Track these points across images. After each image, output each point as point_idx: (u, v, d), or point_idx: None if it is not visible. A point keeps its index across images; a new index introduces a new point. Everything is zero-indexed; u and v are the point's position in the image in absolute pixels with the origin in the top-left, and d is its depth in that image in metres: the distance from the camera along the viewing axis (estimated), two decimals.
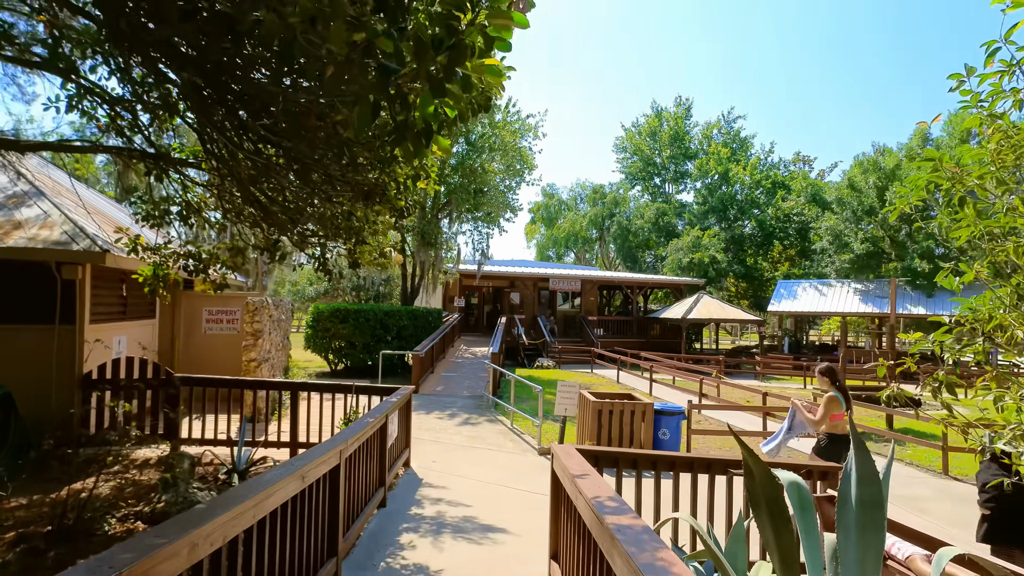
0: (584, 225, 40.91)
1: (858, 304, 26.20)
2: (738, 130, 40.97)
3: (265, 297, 9.38)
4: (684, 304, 25.98)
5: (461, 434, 9.22)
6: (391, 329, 16.57)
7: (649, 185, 43.64)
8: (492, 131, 18.90)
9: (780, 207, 34.16)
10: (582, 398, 8.27)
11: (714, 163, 36.22)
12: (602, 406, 7.81)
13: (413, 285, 20.71)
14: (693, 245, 30.73)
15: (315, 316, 15.86)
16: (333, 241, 6.19)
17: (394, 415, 5.93)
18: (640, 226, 36.66)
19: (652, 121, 41.63)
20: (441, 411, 11.11)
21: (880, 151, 29.99)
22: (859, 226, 27.74)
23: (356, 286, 42.07)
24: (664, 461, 4.00)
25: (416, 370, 13.29)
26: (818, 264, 31.46)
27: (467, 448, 8.31)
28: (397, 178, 4.13)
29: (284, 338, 11.88)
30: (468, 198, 18.68)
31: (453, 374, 16.00)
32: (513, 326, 24.11)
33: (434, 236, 18.69)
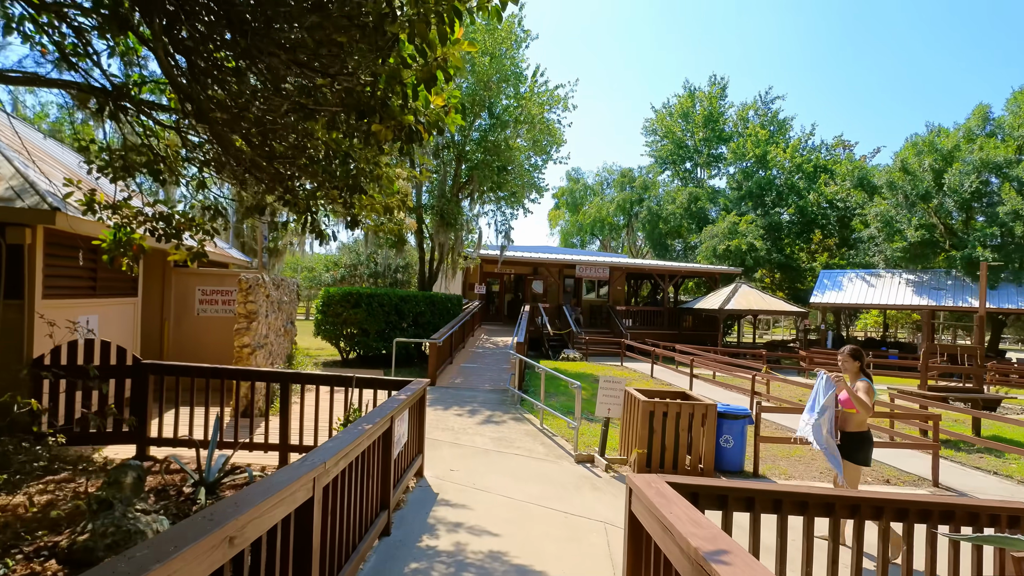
0: (611, 211, 39.28)
1: (911, 296, 24.36)
2: (776, 111, 38.89)
3: (262, 274, 8.28)
4: (721, 294, 24.44)
5: (484, 435, 8.03)
6: (407, 316, 15.44)
7: (680, 170, 41.80)
8: (517, 103, 17.56)
9: (823, 192, 32.16)
10: (629, 397, 7.01)
11: (751, 145, 34.28)
12: (655, 407, 6.53)
13: (431, 270, 19.57)
14: (730, 231, 29.04)
15: (325, 300, 14.81)
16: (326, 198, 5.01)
17: (403, 416, 4.75)
18: (671, 212, 34.93)
19: (685, 101, 39.71)
20: (460, 407, 9.94)
21: (935, 131, 27.86)
22: (912, 212, 25.77)
23: (373, 272, 41.29)
24: (793, 501, 2.71)
25: (433, 360, 12.15)
26: (864, 253, 29.53)
27: (491, 453, 7.11)
28: (403, 79, 2.92)
29: (288, 323, 10.80)
30: (491, 175, 17.42)
31: (473, 365, 14.84)
32: (537, 315, 22.88)
33: (454, 216, 17.49)
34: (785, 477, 6.90)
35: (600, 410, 6.91)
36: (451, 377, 13.09)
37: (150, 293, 9.39)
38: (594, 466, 6.80)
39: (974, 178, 23.66)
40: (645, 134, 42.80)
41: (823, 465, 7.58)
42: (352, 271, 43.69)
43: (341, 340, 15.20)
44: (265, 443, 5.88)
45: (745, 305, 22.77)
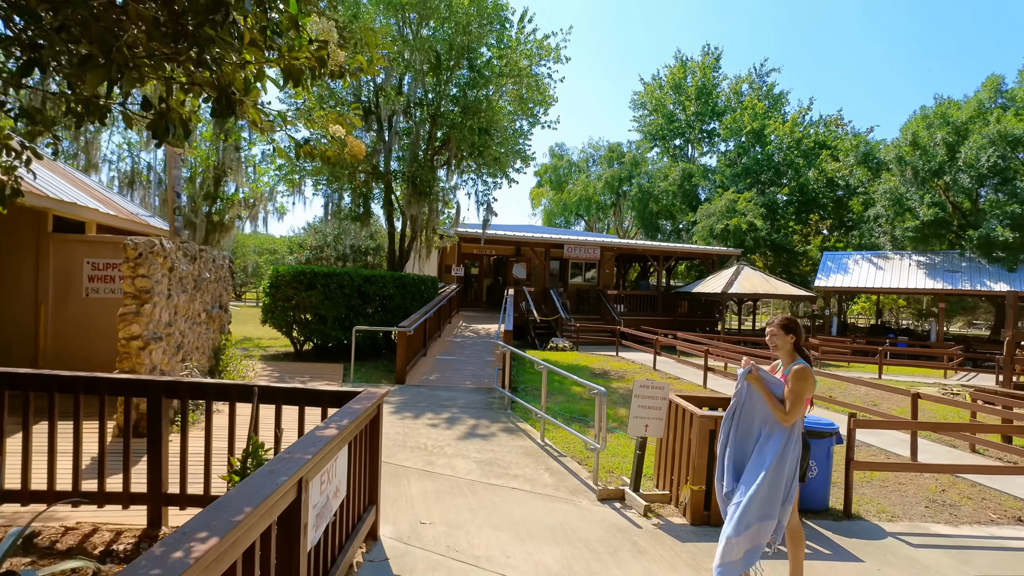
0: (598, 188, 37.27)
1: (923, 279, 23.07)
2: (771, 85, 37.27)
3: (160, 240, 6.13)
4: (722, 277, 22.79)
5: (467, 456, 6.06)
6: (372, 299, 13.32)
7: (670, 146, 40.02)
8: (500, 53, 15.40)
9: (824, 169, 30.70)
10: (676, 409, 5.09)
11: (748, 118, 32.61)
12: (717, 423, 4.63)
13: (402, 248, 17.42)
14: (728, 210, 27.38)
15: (273, 281, 12.59)
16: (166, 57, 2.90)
17: (330, 469, 2.75)
18: (664, 189, 33.12)
19: (676, 72, 37.78)
20: (436, 413, 7.94)
21: (945, 103, 26.49)
22: (924, 188, 24.42)
23: (341, 255, 38.83)
24: None
25: (402, 353, 10.11)
26: (868, 234, 28.21)
27: (479, 487, 5.15)
28: None
29: (215, 307, 8.63)
30: (471, 137, 15.28)
31: (451, 357, 12.85)
32: (522, 299, 20.94)
33: (428, 184, 15.34)
34: (887, 517, 5.08)
35: (635, 427, 4.98)
36: (425, 373, 11.07)
37: (17, 265, 7.14)
38: (626, 507, 4.89)
39: (991, 152, 22.33)
40: (633, 108, 40.91)
41: (924, 492, 5.80)
42: (318, 253, 41.13)
43: (294, 328, 13.02)
44: (125, 492, 3.78)
45: (749, 289, 21.17)
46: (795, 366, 3.26)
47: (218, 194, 17.22)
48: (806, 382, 3.21)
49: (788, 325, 3.41)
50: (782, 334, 3.38)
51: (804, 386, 3.21)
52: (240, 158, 17.13)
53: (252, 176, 18.30)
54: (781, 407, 3.25)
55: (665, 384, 5.01)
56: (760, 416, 3.38)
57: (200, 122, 14.59)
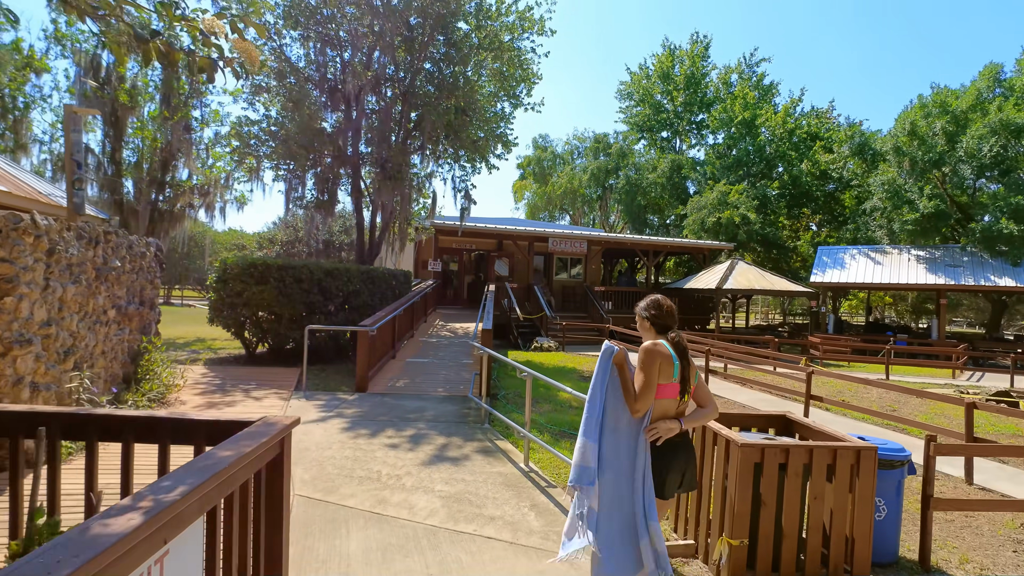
0: (584, 181, 36.12)
1: (923, 274, 22.32)
2: (761, 75, 36.48)
3: (30, 214, 4.79)
4: (715, 272, 21.82)
5: (431, 488, 4.82)
6: (335, 295, 11.98)
7: (656, 138, 39.07)
8: (480, 21, 14.14)
9: (817, 160, 29.93)
10: (705, 433, 3.91)
11: (739, 107, 31.72)
12: (765, 455, 3.45)
13: (372, 239, 16.07)
14: (719, 202, 26.42)
15: (220, 274, 11.19)
16: None
17: (168, 558, 1.47)
18: (652, 182, 32.09)
19: (664, 60, 36.80)
20: (398, 429, 6.68)
21: (943, 92, 25.83)
22: (924, 180, 23.71)
23: (314, 251, 37.22)
24: None
25: (363, 357, 8.82)
26: (863, 228, 27.47)
27: (443, 536, 3.92)
28: None
29: (133, 303, 7.28)
30: (446, 117, 13.99)
31: (424, 360, 11.58)
32: (504, 296, 19.73)
33: (399, 168, 14.01)
34: (976, 570, 3.95)
35: None
36: (392, 378, 9.79)
37: None
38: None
39: (993, 141, 21.66)
40: (619, 98, 39.88)
41: (1002, 527, 4.70)
42: (289, 248, 39.46)
43: (245, 328, 11.64)
44: None
45: (745, 284, 20.20)
46: (646, 344, 2.84)
47: (166, 180, 15.73)
48: (651, 363, 2.74)
49: (649, 309, 3.02)
50: (638, 318, 3.07)
51: (650, 368, 2.73)
52: (190, 140, 15.67)
53: (206, 160, 16.82)
54: (632, 395, 2.78)
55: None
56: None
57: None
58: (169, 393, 7.61)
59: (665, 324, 2.97)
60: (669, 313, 3.00)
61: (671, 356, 2.80)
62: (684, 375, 2.85)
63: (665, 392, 2.81)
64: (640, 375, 2.78)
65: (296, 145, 13.18)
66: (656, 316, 2.98)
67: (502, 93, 16.21)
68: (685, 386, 2.86)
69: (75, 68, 13.71)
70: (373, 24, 14.17)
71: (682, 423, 2.84)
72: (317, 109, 14.55)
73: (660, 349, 2.80)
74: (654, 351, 2.78)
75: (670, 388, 2.81)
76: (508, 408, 8.05)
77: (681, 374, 2.84)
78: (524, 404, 6.01)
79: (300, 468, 5.17)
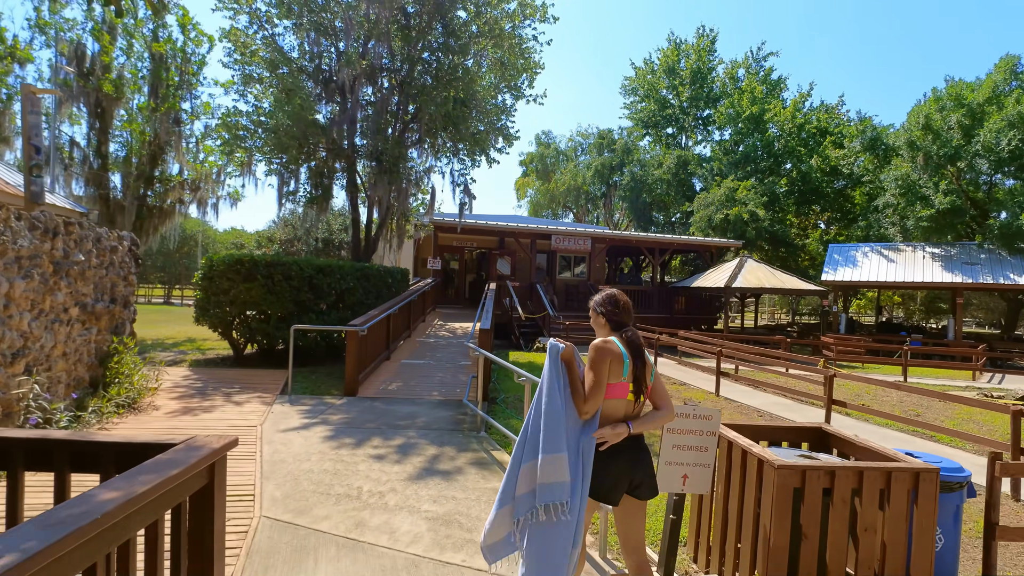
0: (588, 178, 35.49)
1: (939, 272, 21.68)
2: (769, 69, 35.80)
3: None
4: (723, 270, 21.25)
5: (417, 507, 4.30)
6: (326, 293, 11.47)
7: (661, 135, 38.44)
8: (479, 8, 13.60)
9: (828, 156, 29.28)
10: (732, 450, 3.38)
11: (747, 102, 31.08)
12: (806, 477, 2.91)
13: (368, 236, 15.56)
14: (727, 199, 25.82)
15: (206, 272, 10.69)
16: None
17: None
18: (658, 178, 31.47)
19: (670, 54, 36.16)
20: (386, 437, 6.15)
21: (958, 85, 25.16)
22: (939, 175, 23.07)
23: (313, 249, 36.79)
24: None
25: (352, 358, 8.30)
26: (876, 224, 26.84)
27: (426, 568, 3.39)
28: None
29: (98, 299, 6.77)
30: (445, 107, 13.46)
31: (419, 361, 11.06)
32: (505, 295, 19.19)
33: (395, 162, 13.49)
34: None
35: (667, 479, 3.24)
36: (384, 380, 9.27)
37: None
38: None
39: (1012, 135, 21.02)
40: (624, 94, 39.27)
41: None
42: (288, 247, 39.06)
43: (233, 327, 11.13)
44: None
45: (755, 283, 19.62)
46: (596, 342, 2.67)
47: (154, 174, 15.24)
48: (601, 362, 2.58)
49: (603, 305, 2.85)
50: (592, 313, 2.90)
51: (599, 367, 2.57)
52: (180, 132, 15.18)
53: (197, 154, 16.33)
54: (581, 395, 2.61)
55: (714, 412, 3.27)
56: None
57: None
58: (142, 398, 7.10)
59: (620, 321, 2.79)
60: (626, 309, 2.83)
61: (621, 354, 2.62)
62: (637, 375, 2.65)
63: (614, 392, 2.63)
64: (590, 374, 2.60)
65: (287, 137, 12.68)
66: (612, 312, 2.81)
67: (503, 84, 15.69)
68: (639, 386, 2.66)
69: (57, 56, 13.22)
70: (369, 12, 13.67)
71: (631, 426, 2.63)
72: (311, 100, 14.04)
73: (611, 347, 2.63)
74: (604, 348, 2.61)
75: (619, 388, 2.64)
76: (508, 414, 7.53)
77: (633, 374, 2.64)
78: (523, 414, 5.48)
79: (272, 484, 4.65)
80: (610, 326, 2.79)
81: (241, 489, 4.49)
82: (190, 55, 15.30)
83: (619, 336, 2.72)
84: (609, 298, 2.86)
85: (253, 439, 5.85)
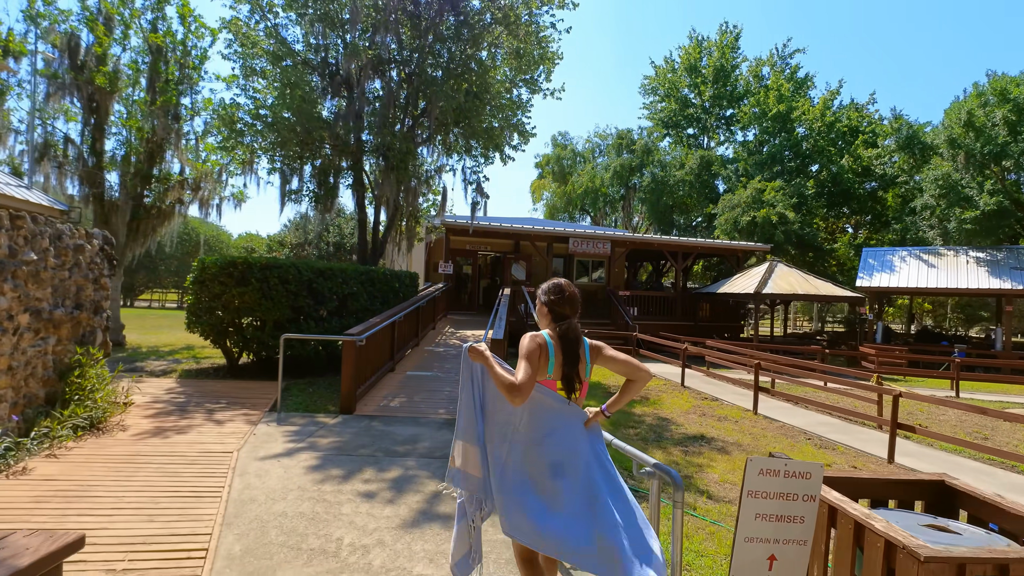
0: (606, 180, 34.49)
1: (985, 278, 20.39)
2: (796, 67, 34.60)
3: None
4: (752, 275, 20.17)
5: (408, 570, 3.42)
6: (328, 298, 10.69)
7: (682, 135, 37.36)
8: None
9: (860, 156, 28.02)
10: (840, 520, 2.44)
11: (773, 100, 29.92)
12: (968, 571, 1.97)
13: (375, 238, 14.79)
14: (753, 200, 24.70)
15: (198, 275, 9.96)
16: None
17: None
18: (680, 179, 30.42)
19: (691, 52, 35.12)
20: (380, 469, 5.29)
21: (1002, 79, 23.84)
22: (983, 174, 21.80)
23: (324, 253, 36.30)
24: None
25: (349, 371, 7.47)
26: (913, 227, 25.55)
27: None
28: None
29: (57, 305, 6.02)
30: (457, 99, 12.66)
31: (427, 373, 10.22)
32: (520, 301, 18.32)
33: (403, 158, 12.71)
34: None
35: (749, 563, 2.32)
36: (386, 396, 8.43)
37: None
38: None
39: None
40: (643, 94, 38.30)
41: None
42: (299, 251, 38.57)
43: (226, 335, 10.38)
44: None
45: (787, 288, 18.52)
46: (528, 335, 2.54)
47: (152, 173, 14.63)
48: (530, 353, 2.42)
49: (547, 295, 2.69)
50: (536, 303, 2.77)
51: (530, 358, 2.40)
52: (179, 129, 14.57)
53: (200, 153, 15.71)
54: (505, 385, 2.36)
55: (814, 467, 2.36)
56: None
57: None
58: (110, 416, 6.32)
59: (561, 313, 2.63)
60: (569, 301, 2.65)
61: (548, 349, 2.51)
62: (566, 372, 2.51)
63: (550, 385, 2.56)
64: (521, 363, 2.44)
65: (287, 130, 11.97)
66: (553, 302, 2.66)
67: (518, 78, 14.87)
68: (569, 384, 2.52)
69: (48, 47, 12.67)
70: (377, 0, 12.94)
71: (605, 410, 2.66)
72: (315, 95, 13.34)
73: (538, 340, 2.51)
74: (532, 340, 2.51)
75: (547, 385, 2.54)
76: None
77: (563, 372, 2.51)
78: None
79: (233, 534, 3.81)
80: (550, 317, 2.64)
81: (192, 542, 3.65)
82: (190, 48, 14.72)
83: (555, 329, 2.57)
84: (554, 287, 2.70)
85: (224, 470, 5.02)
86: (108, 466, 4.95)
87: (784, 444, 7.77)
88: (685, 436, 7.85)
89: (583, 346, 2.58)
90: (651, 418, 8.87)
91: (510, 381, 2.34)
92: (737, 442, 7.70)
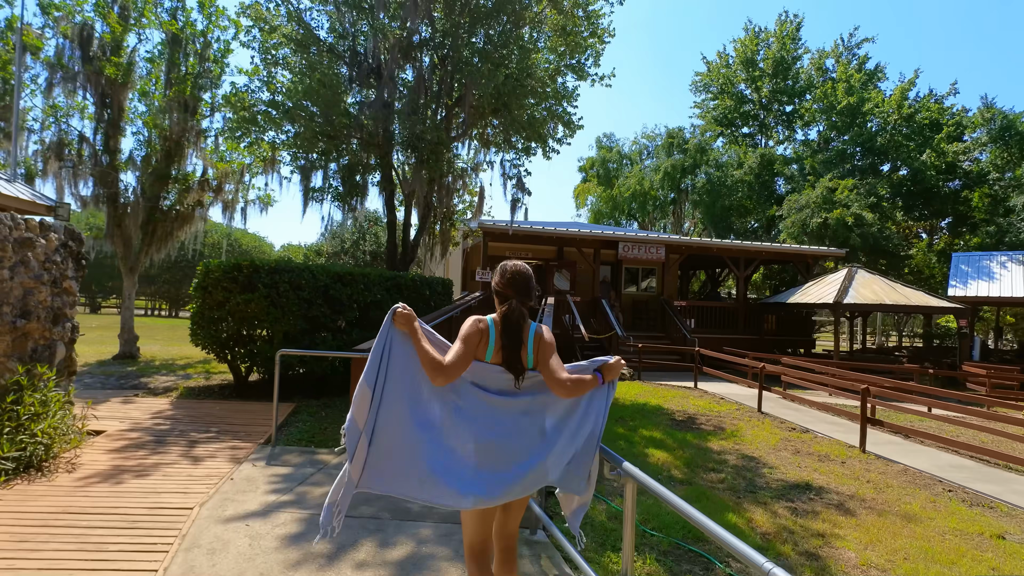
0: (656, 182, 32.57)
1: None
2: (864, 58, 32.06)
3: None
4: (829, 283, 18.06)
5: None
6: (347, 307, 9.40)
7: (737, 135, 35.16)
8: None
9: (944, 151, 25.40)
10: None
11: (842, 92, 27.58)
12: None
13: (406, 242, 13.55)
14: (824, 200, 22.49)
15: (201, 280, 8.85)
16: None
17: None
18: (738, 179, 28.34)
19: (748, 44, 32.98)
20: (385, 542, 3.84)
21: None
22: None
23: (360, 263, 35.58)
24: None
25: None
26: (1011, 229, 22.83)
27: None
28: None
29: (10, 316, 4.85)
30: (494, 83, 11.30)
31: None
32: (565, 311, 16.80)
33: (435, 149, 11.41)
34: None
35: None
36: None
37: None
38: None
39: None
40: (694, 91, 36.28)
41: None
42: (335, 261, 37.93)
43: (228, 349, 9.20)
44: None
45: (872, 298, 16.38)
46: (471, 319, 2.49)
47: (171, 173, 13.79)
48: (466, 335, 2.37)
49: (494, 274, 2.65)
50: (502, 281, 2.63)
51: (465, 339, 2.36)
52: (198, 126, 13.70)
53: (224, 153, 14.84)
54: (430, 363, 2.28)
55: None
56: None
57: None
58: (60, 451, 5.12)
59: (504, 294, 2.53)
60: (511, 281, 2.53)
61: (488, 333, 2.42)
62: (507, 357, 2.39)
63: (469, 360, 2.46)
64: (456, 343, 2.37)
65: (308, 120, 10.85)
66: (498, 283, 2.57)
67: (563, 64, 13.45)
68: (513, 368, 2.40)
69: (60, 39, 11.97)
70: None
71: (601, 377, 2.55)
72: (341, 85, 12.23)
73: (480, 324, 2.42)
74: (473, 323, 2.42)
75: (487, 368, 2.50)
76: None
77: (504, 356, 2.40)
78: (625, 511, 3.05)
79: None
80: (497, 299, 2.58)
81: None
82: (212, 41, 13.90)
83: (499, 311, 2.50)
84: (499, 269, 2.62)
85: (169, 540, 3.68)
86: (12, 531, 3.67)
87: (921, 499, 5.97)
88: (785, 485, 6.16)
89: (528, 330, 2.46)
90: (733, 456, 7.19)
91: (437, 360, 2.26)
92: (857, 495, 5.96)
